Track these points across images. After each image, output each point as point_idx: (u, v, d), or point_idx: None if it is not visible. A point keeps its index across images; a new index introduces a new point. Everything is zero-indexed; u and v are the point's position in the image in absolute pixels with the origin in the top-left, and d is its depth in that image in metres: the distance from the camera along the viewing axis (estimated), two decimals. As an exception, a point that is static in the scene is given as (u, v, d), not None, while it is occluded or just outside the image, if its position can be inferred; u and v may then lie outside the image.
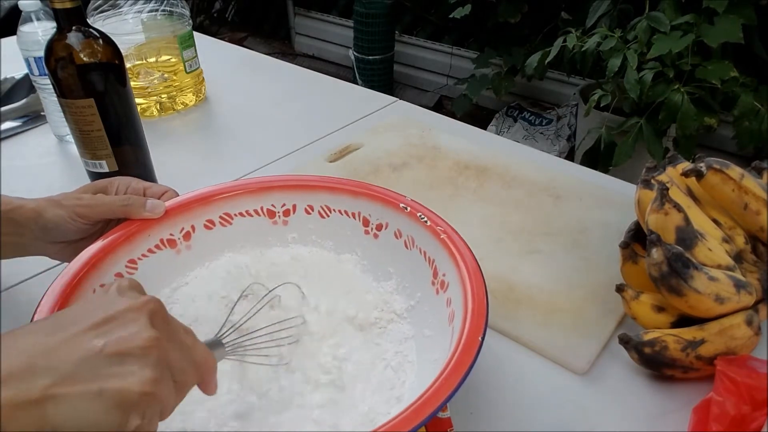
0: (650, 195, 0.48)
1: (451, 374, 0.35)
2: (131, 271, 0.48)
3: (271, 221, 0.55)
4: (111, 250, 0.47)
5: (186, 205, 0.52)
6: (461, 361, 0.36)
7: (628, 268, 0.51)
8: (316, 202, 0.55)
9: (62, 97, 0.60)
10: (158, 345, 0.29)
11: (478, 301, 0.41)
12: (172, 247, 0.51)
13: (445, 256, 0.46)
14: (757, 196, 0.49)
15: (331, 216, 0.55)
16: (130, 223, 0.49)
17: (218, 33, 3.33)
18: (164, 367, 0.30)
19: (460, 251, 0.46)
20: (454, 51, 2.60)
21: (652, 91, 1.38)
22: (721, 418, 0.39)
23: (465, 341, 0.37)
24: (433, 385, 0.34)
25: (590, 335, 0.50)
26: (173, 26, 0.88)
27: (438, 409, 0.33)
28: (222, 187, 0.54)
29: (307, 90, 1.02)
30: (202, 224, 0.53)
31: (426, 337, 0.46)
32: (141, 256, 0.49)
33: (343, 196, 0.54)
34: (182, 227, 0.51)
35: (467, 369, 0.35)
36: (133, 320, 0.29)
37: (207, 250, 0.53)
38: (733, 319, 0.45)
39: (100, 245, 0.46)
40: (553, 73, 2.29)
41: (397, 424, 0.32)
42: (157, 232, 0.50)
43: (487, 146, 0.79)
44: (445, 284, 0.46)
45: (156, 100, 0.90)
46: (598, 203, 0.67)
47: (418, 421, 0.32)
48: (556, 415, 0.45)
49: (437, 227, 0.48)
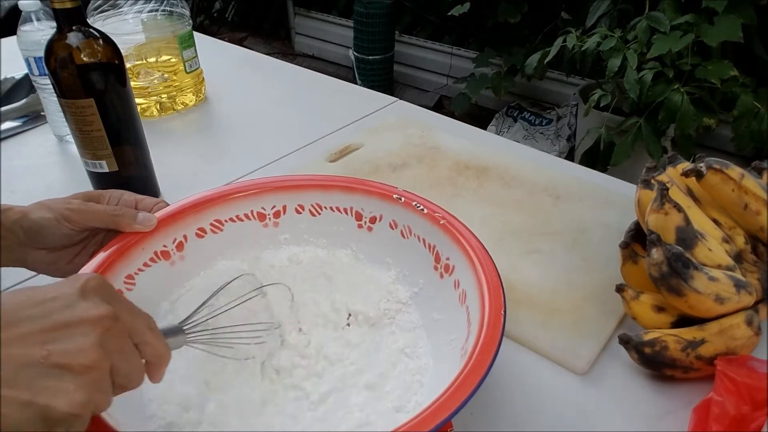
0: (650, 195, 0.48)
1: (484, 348, 0.37)
2: (129, 287, 0.47)
3: (262, 224, 0.55)
4: (108, 267, 0.45)
5: (176, 214, 0.51)
6: (490, 335, 0.38)
7: (628, 268, 0.51)
8: (306, 201, 0.55)
9: (62, 97, 0.60)
10: (99, 367, 0.29)
11: (492, 280, 0.42)
12: (166, 259, 0.50)
13: (448, 241, 0.47)
14: (757, 196, 0.49)
15: (323, 213, 0.55)
16: (124, 237, 0.48)
17: (218, 33, 3.33)
18: (101, 385, 0.30)
19: (463, 234, 0.47)
20: (454, 51, 2.60)
21: (652, 91, 1.38)
22: (721, 418, 0.39)
23: (489, 316, 0.39)
24: (470, 360, 0.36)
25: (590, 335, 0.50)
26: (173, 26, 0.88)
27: (483, 378, 0.35)
28: (211, 194, 0.53)
29: (307, 90, 1.02)
30: (194, 233, 0.52)
31: (436, 321, 0.47)
32: (137, 271, 0.48)
33: (333, 192, 0.54)
34: (174, 238, 0.51)
35: (498, 342, 0.37)
36: (84, 335, 0.29)
37: (201, 259, 0.52)
38: (733, 319, 0.45)
39: (98, 262, 0.45)
40: (553, 73, 2.29)
41: (451, 395, 0.34)
42: (151, 245, 0.49)
43: (487, 146, 0.79)
44: (450, 267, 0.47)
45: (156, 100, 0.90)
46: (598, 203, 0.67)
47: (470, 390, 0.34)
48: (556, 415, 0.45)
49: (435, 214, 0.49)
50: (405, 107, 0.95)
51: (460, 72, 2.48)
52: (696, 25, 1.36)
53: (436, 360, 0.45)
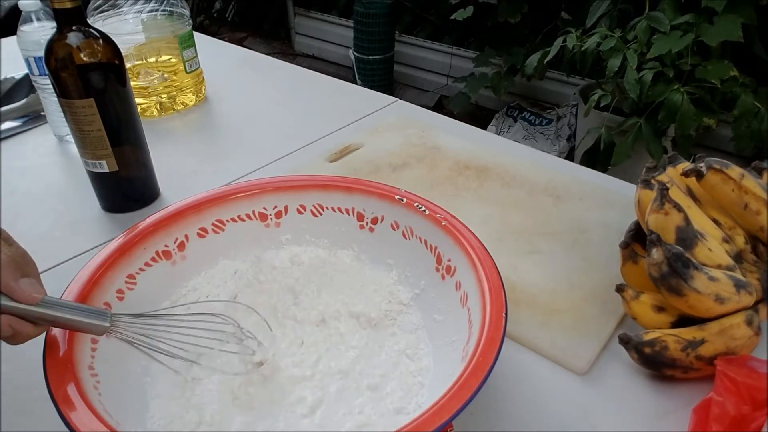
0: (650, 195, 0.48)
1: (485, 350, 0.37)
2: (131, 287, 0.47)
3: (264, 224, 0.55)
4: (110, 267, 0.46)
5: (178, 214, 0.51)
6: (491, 338, 0.38)
7: (628, 268, 0.51)
8: (308, 202, 0.55)
9: (62, 97, 0.60)
10: None
11: (494, 281, 0.42)
12: (168, 259, 0.50)
13: (450, 243, 0.47)
14: (757, 196, 0.49)
15: (324, 214, 0.55)
16: (126, 236, 0.48)
17: (218, 33, 3.33)
18: None
19: (465, 236, 0.47)
20: (454, 51, 2.60)
21: (652, 91, 1.38)
22: (721, 418, 0.39)
23: (490, 318, 0.39)
24: (471, 362, 0.36)
25: (590, 335, 0.50)
26: (173, 26, 0.88)
27: (484, 381, 0.35)
28: (213, 194, 0.53)
29: (307, 90, 1.02)
30: (195, 233, 0.52)
31: (437, 323, 0.47)
32: (138, 270, 0.48)
33: (335, 193, 0.54)
34: (176, 237, 0.51)
35: (499, 345, 0.37)
36: None
37: (202, 259, 0.52)
38: (733, 319, 0.45)
39: (99, 261, 0.45)
40: (553, 73, 2.29)
41: (452, 396, 0.34)
42: (152, 245, 0.49)
43: (487, 146, 0.79)
44: (452, 269, 0.47)
45: (156, 100, 0.90)
46: (598, 203, 0.67)
47: (470, 393, 0.34)
48: (556, 415, 0.45)
49: (437, 215, 0.49)
50: (405, 107, 0.95)
51: (460, 72, 2.48)
52: (696, 25, 1.36)
53: (437, 361, 0.45)
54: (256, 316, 0.47)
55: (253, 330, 0.45)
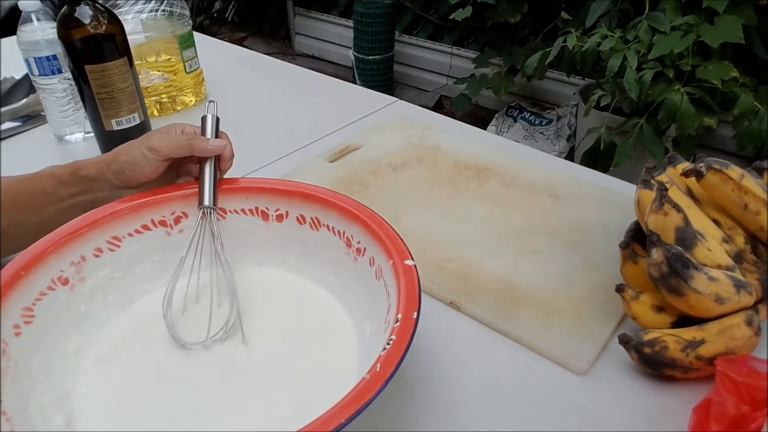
0: (650, 195, 0.48)
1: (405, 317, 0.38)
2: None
3: (165, 231, 0.53)
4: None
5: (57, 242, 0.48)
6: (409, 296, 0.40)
7: (628, 268, 0.51)
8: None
9: (95, 63, 0.68)
10: None
11: (389, 234, 0.46)
12: (65, 284, 0.47)
13: (349, 222, 0.49)
14: (757, 196, 0.49)
15: (228, 217, 0.56)
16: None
17: (218, 33, 3.33)
18: None
19: (354, 207, 0.49)
20: (454, 51, 2.60)
21: (652, 91, 1.38)
22: (721, 418, 0.39)
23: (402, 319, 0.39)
24: (391, 336, 0.37)
25: (590, 335, 0.50)
26: (173, 26, 0.88)
27: (404, 354, 0.36)
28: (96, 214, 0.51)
29: (307, 90, 1.02)
30: (92, 253, 0.50)
31: (358, 302, 0.49)
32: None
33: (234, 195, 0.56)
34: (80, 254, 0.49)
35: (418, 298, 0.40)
36: None
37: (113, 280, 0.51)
38: (733, 319, 0.45)
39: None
40: (553, 73, 2.29)
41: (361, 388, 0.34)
42: (49, 268, 0.46)
43: (487, 146, 0.79)
44: (362, 250, 0.49)
45: (156, 100, 0.90)
46: (598, 203, 0.67)
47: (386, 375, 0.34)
48: (556, 415, 0.45)
49: (330, 198, 0.51)
50: (405, 107, 0.95)
51: (460, 72, 2.48)
52: (696, 26, 1.36)
53: (361, 345, 0.46)
54: None
55: None
